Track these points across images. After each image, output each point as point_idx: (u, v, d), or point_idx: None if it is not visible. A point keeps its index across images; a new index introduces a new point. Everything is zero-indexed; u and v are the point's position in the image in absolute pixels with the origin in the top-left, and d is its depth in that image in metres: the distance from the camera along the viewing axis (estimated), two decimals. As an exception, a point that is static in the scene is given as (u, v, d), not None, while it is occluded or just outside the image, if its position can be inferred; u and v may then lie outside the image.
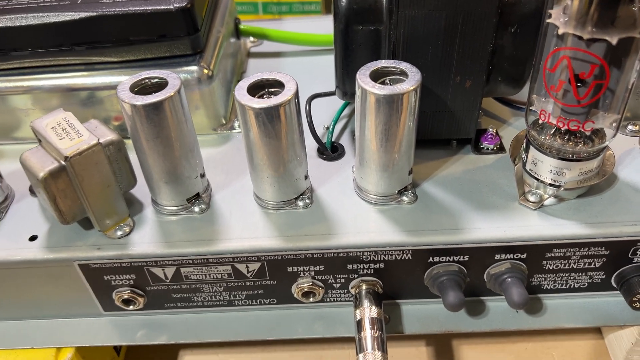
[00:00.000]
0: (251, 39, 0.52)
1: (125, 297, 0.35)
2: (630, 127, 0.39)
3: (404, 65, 0.31)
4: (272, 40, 0.50)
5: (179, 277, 0.35)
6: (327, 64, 0.50)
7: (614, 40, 0.27)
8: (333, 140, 0.40)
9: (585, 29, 0.27)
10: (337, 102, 0.42)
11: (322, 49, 0.51)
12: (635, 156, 0.37)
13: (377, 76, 0.31)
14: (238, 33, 0.49)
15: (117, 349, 0.42)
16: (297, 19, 0.58)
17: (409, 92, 0.29)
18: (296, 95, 0.31)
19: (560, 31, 0.28)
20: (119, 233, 0.34)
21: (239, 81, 0.48)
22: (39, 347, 0.37)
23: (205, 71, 0.39)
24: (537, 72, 0.31)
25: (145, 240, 0.34)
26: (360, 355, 0.31)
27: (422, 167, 0.37)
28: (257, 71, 0.49)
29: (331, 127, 0.41)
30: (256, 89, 0.32)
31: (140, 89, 0.32)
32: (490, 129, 0.38)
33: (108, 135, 0.33)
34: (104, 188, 0.33)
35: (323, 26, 0.53)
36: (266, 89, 0.32)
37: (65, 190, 0.32)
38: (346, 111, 0.43)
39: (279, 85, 0.32)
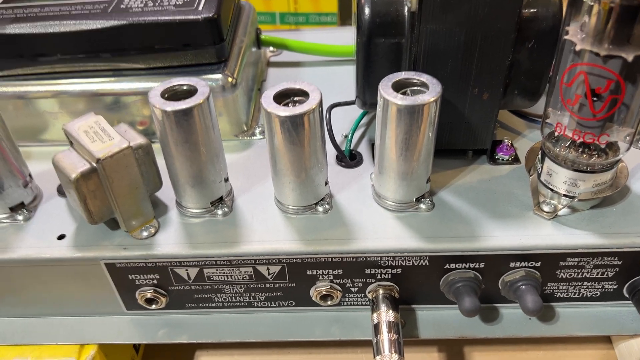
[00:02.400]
0: (271, 48, 0.54)
1: (149, 296, 0.37)
2: (642, 141, 0.40)
3: (425, 77, 0.32)
4: (291, 51, 0.52)
5: (201, 277, 0.36)
6: (344, 74, 0.51)
7: (629, 57, 0.28)
8: (351, 148, 0.41)
9: (602, 45, 0.28)
10: (355, 111, 0.43)
11: (339, 60, 0.52)
12: (648, 170, 0.38)
13: (399, 87, 0.32)
14: (259, 43, 0.51)
15: (136, 347, 0.43)
16: (314, 30, 0.60)
17: (429, 103, 0.31)
18: (320, 104, 0.32)
19: (578, 47, 0.29)
20: (145, 234, 0.35)
21: (259, 89, 0.50)
22: (63, 343, 0.38)
23: (230, 79, 0.41)
24: (554, 86, 0.32)
25: (170, 241, 0.35)
26: (378, 358, 0.32)
27: (439, 176, 0.38)
28: (277, 80, 0.51)
29: (350, 135, 0.42)
30: (281, 98, 0.33)
31: (171, 95, 0.33)
32: (506, 140, 0.39)
33: (137, 139, 0.34)
34: (132, 190, 0.34)
35: (339, 37, 0.54)
36: (291, 98, 0.33)
37: (95, 191, 0.33)
38: (364, 120, 0.44)
39: (304, 94, 0.33)
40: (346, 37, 0.53)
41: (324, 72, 0.52)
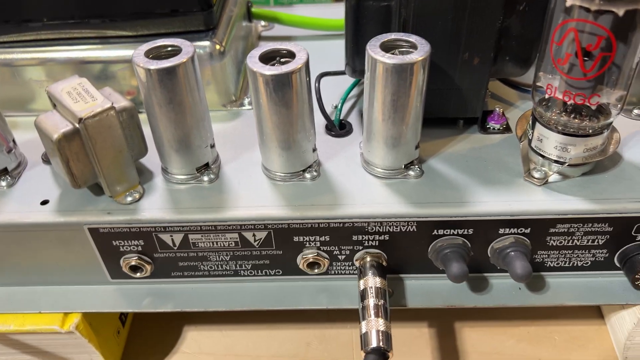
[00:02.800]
0: (262, 23, 0.53)
1: (133, 263, 0.36)
2: (635, 111, 0.40)
3: (414, 38, 0.32)
4: (283, 24, 0.51)
5: (186, 244, 0.35)
6: (337, 49, 0.50)
7: (620, 12, 0.27)
8: (341, 118, 0.41)
9: (593, 0, 0.28)
10: (345, 83, 0.42)
11: (332, 34, 0.51)
12: (640, 138, 0.37)
13: (387, 49, 0.32)
14: (250, 16, 0.50)
15: (122, 319, 0.42)
16: (307, 6, 0.59)
17: (418, 62, 0.30)
18: (307, 64, 0.31)
19: (568, 3, 0.29)
20: (129, 199, 0.35)
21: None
22: (46, 312, 0.37)
23: (217, 47, 0.40)
24: (545, 48, 0.32)
25: (154, 207, 0.34)
26: (363, 323, 0.32)
27: (429, 145, 0.38)
28: (267, 54, 0.51)
29: (339, 105, 0.41)
30: (268, 60, 0.32)
31: (155, 56, 0.32)
32: (497, 109, 0.39)
33: (121, 102, 0.34)
34: (116, 153, 0.33)
35: (333, 13, 0.54)
36: (277, 59, 0.33)
37: (78, 154, 0.33)
38: (354, 91, 0.43)
39: (291, 55, 0.32)
40: (339, 13, 0.53)
41: (316, 47, 0.50)
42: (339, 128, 0.40)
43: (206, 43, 0.40)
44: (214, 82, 0.41)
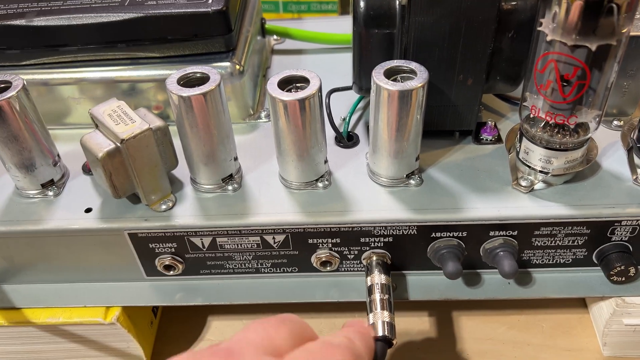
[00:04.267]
0: (275, 37, 0.57)
1: (167, 263, 0.41)
2: (615, 122, 0.44)
3: (414, 65, 0.36)
4: (294, 39, 0.55)
5: (214, 246, 0.40)
6: (343, 61, 0.54)
7: (593, 47, 0.31)
8: (349, 130, 0.45)
9: (570, 36, 0.32)
10: (353, 95, 0.46)
11: (339, 47, 0.55)
12: (618, 148, 0.41)
13: (390, 74, 0.36)
14: (264, 32, 0.54)
15: (154, 311, 0.47)
16: (316, 18, 0.63)
17: (417, 88, 0.34)
18: (319, 90, 0.36)
19: (549, 38, 0.33)
20: (164, 207, 0.39)
21: (264, 76, 0.54)
22: (90, 306, 0.42)
23: (237, 67, 0.44)
24: (530, 72, 0.36)
25: (186, 214, 0.39)
26: (370, 315, 0.36)
27: (428, 155, 0.42)
28: (280, 67, 0.55)
29: (348, 118, 0.45)
30: (285, 84, 0.37)
31: (185, 82, 0.37)
32: (490, 122, 0.43)
33: (156, 122, 0.38)
34: (152, 167, 0.38)
35: (339, 26, 0.57)
36: (294, 84, 0.37)
37: (119, 169, 0.37)
38: (361, 104, 0.48)
39: (305, 80, 0.36)
40: (345, 26, 0.57)
41: (324, 59, 0.55)
42: (347, 140, 0.44)
43: (227, 64, 0.44)
44: (233, 99, 0.46)
